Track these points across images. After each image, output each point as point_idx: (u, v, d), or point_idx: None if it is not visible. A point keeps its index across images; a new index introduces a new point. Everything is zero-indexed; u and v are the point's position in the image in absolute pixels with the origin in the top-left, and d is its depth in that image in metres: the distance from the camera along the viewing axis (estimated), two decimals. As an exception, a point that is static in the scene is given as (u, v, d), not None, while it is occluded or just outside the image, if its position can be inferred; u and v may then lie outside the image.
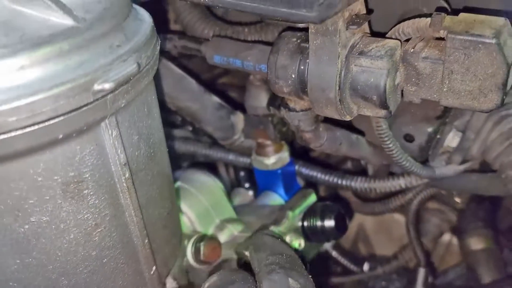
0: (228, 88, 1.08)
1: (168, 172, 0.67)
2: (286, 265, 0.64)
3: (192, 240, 0.79)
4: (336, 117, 0.68)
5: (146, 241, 0.61)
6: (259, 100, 0.93)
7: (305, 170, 1.02)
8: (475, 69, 0.60)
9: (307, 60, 0.67)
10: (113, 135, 0.51)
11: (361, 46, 0.65)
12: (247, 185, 1.12)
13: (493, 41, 0.57)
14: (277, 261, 0.65)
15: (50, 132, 0.45)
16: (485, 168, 0.97)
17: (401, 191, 1.09)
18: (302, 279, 0.61)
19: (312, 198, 0.90)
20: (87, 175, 0.51)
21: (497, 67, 0.58)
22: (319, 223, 0.84)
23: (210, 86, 0.96)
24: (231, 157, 1.04)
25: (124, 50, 0.50)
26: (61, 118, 0.45)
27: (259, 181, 1.02)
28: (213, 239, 0.81)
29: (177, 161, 1.07)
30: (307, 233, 0.86)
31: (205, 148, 1.04)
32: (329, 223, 0.84)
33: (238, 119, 0.98)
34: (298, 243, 0.83)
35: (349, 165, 1.12)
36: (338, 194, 1.19)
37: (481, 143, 0.86)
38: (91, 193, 0.53)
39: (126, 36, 0.51)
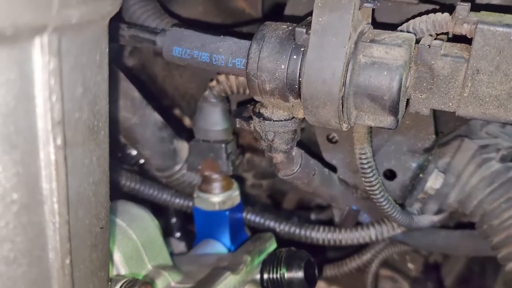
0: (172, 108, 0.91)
1: (107, 168, 0.47)
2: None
3: (119, 285, 0.57)
4: (332, 123, 0.54)
5: (67, 261, 0.40)
6: (212, 121, 0.77)
7: (255, 217, 0.85)
8: (507, 67, 0.50)
9: (302, 49, 0.53)
10: (50, 67, 0.32)
11: (370, 34, 0.53)
12: (178, 234, 0.92)
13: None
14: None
15: None
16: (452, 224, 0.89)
17: (357, 251, 0.95)
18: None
19: (272, 244, 0.73)
20: (-5, 123, 0.31)
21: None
22: (284, 274, 0.66)
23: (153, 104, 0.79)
24: (165, 196, 0.84)
25: None
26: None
27: (199, 225, 0.82)
28: (148, 284, 0.59)
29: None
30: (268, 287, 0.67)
31: (134, 181, 0.83)
32: (297, 274, 0.66)
33: (182, 146, 0.81)
34: (259, 297, 0.64)
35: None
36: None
37: (460, 188, 0.77)
38: (-4, 158, 0.32)
39: None
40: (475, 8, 0.56)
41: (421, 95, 0.55)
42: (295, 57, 0.54)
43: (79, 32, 0.35)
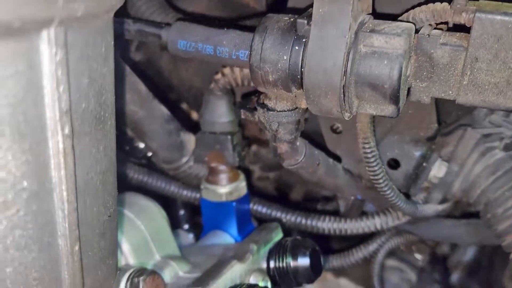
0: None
1: (113, 157, 0.48)
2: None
3: (127, 274, 0.59)
4: (334, 112, 0.55)
5: (76, 248, 0.41)
6: (218, 113, 0.78)
7: (261, 208, 0.86)
8: (506, 55, 0.51)
9: (304, 40, 0.54)
10: (57, 58, 0.34)
11: (370, 24, 0.54)
12: (186, 226, 0.93)
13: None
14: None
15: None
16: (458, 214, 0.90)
17: (363, 240, 0.96)
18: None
19: (278, 233, 0.74)
20: (5, 112, 0.32)
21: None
22: (290, 262, 0.67)
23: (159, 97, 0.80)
24: (173, 188, 0.86)
25: None
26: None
27: (206, 216, 0.83)
28: (155, 274, 0.61)
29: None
30: (274, 276, 0.68)
31: (142, 174, 0.84)
32: (303, 261, 0.67)
33: (189, 138, 0.82)
34: (266, 285, 0.65)
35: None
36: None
37: (464, 177, 0.77)
38: (7, 145, 0.33)
39: None
40: (475, -3, 0.56)
41: (422, 84, 0.56)
42: (297, 48, 0.55)
43: (85, 24, 0.36)
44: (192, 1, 0.87)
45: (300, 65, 0.55)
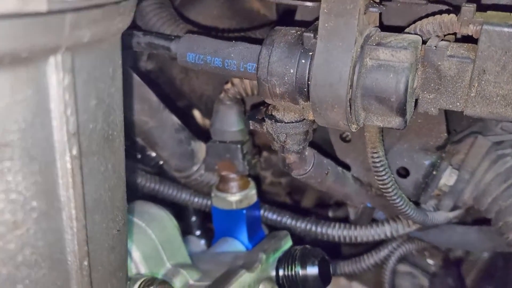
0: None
1: (122, 173, 0.49)
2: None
3: (137, 284, 0.60)
4: (341, 125, 0.56)
5: (86, 263, 0.42)
6: (227, 123, 0.79)
7: (271, 215, 0.87)
8: (514, 67, 0.51)
9: (310, 53, 0.55)
10: (65, 83, 0.35)
11: (376, 37, 0.54)
12: (198, 232, 0.94)
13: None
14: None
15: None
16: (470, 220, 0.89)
17: (375, 247, 0.95)
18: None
19: (288, 241, 0.74)
20: (15, 137, 0.34)
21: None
22: (299, 271, 0.68)
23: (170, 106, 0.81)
24: (184, 195, 0.87)
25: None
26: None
27: (217, 224, 0.84)
28: (165, 283, 0.62)
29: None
30: (284, 285, 0.69)
31: (154, 182, 0.86)
32: (312, 270, 0.68)
33: (200, 147, 0.83)
34: (274, 294, 0.66)
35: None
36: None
37: (475, 185, 0.77)
38: (16, 168, 0.34)
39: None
40: (482, 8, 0.56)
41: (429, 95, 0.56)
42: (303, 61, 0.55)
43: (91, 49, 0.37)
44: (202, 10, 0.88)
45: (306, 78, 0.55)
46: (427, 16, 0.58)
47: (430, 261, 1.06)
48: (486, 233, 0.85)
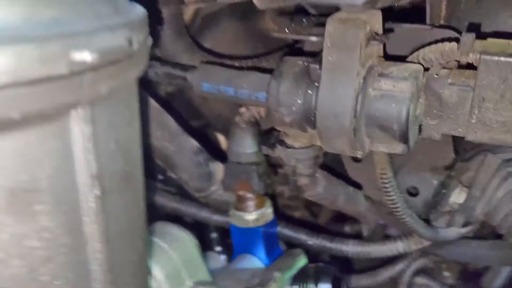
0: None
1: (142, 205, 0.53)
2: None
3: (160, 303, 0.64)
4: (347, 152, 0.58)
5: (110, 290, 0.46)
6: (243, 145, 0.82)
7: (288, 232, 0.90)
8: (512, 95, 0.53)
9: (316, 84, 0.58)
10: (86, 133, 0.39)
11: (379, 68, 0.57)
12: (218, 248, 0.98)
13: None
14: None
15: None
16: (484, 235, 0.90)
17: (390, 261, 0.97)
18: None
19: (302, 260, 0.77)
20: (43, 183, 0.38)
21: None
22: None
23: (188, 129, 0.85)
24: (204, 213, 0.91)
25: (113, 22, 0.39)
26: (20, 89, 0.33)
27: (236, 241, 0.88)
28: (186, 302, 0.65)
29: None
30: (298, 301, 0.72)
31: (175, 201, 0.90)
32: (325, 287, 0.70)
33: (217, 168, 0.86)
34: (289, 311, 0.69)
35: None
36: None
37: (486, 202, 0.78)
38: (46, 210, 0.39)
39: (116, 9, 0.40)
40: (484, 35, 0.58)
41: (432, 122, 0.58)
42: (310, 92, 0.58)
43: (109, 99, 0.41)
44: (218, 36, 0.92)
45: (313, 108, 0.58)
46: (431, 41, 0.60)
47: (446, 273, 1.06)
48: (501, 248, 0.86)
